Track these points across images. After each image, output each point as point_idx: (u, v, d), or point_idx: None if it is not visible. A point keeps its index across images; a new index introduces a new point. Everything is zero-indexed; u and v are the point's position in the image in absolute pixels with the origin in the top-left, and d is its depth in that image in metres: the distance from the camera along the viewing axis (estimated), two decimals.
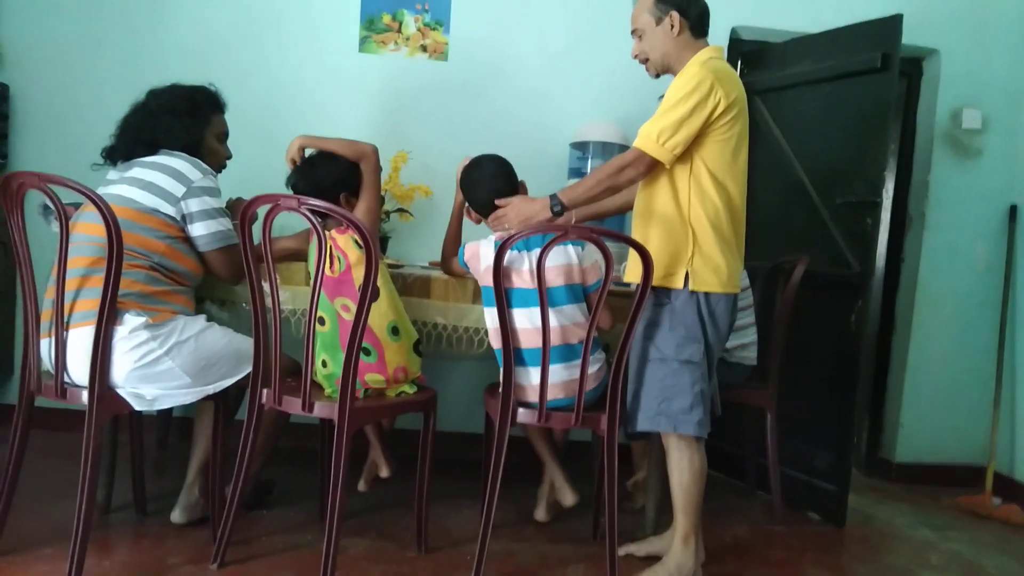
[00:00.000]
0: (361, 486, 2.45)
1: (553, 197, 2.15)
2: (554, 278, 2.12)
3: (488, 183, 2.30)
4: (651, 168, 2.09)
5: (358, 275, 2.04)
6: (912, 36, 3.09)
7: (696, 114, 2.03)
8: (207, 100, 2.32)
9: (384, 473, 2.37)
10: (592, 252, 2.16)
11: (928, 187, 3.48)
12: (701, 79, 2.03)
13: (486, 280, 2.12)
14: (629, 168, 2.08)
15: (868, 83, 2.86)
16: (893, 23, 2.79)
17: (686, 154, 2.08)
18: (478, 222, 2.39)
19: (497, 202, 2.26)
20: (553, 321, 2.07)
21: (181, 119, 2.21)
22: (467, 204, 2.39)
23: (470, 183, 2.34)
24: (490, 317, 2.19)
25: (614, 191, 2.16)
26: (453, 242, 2.48)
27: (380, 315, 2.10)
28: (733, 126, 2.10)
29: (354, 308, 1.97)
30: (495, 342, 2.19)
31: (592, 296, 2.14)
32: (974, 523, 3.05)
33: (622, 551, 2.32)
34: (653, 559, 2.27)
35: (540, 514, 2.60)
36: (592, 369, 2.11)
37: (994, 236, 3.49)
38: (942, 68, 3.45)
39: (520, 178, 2.35)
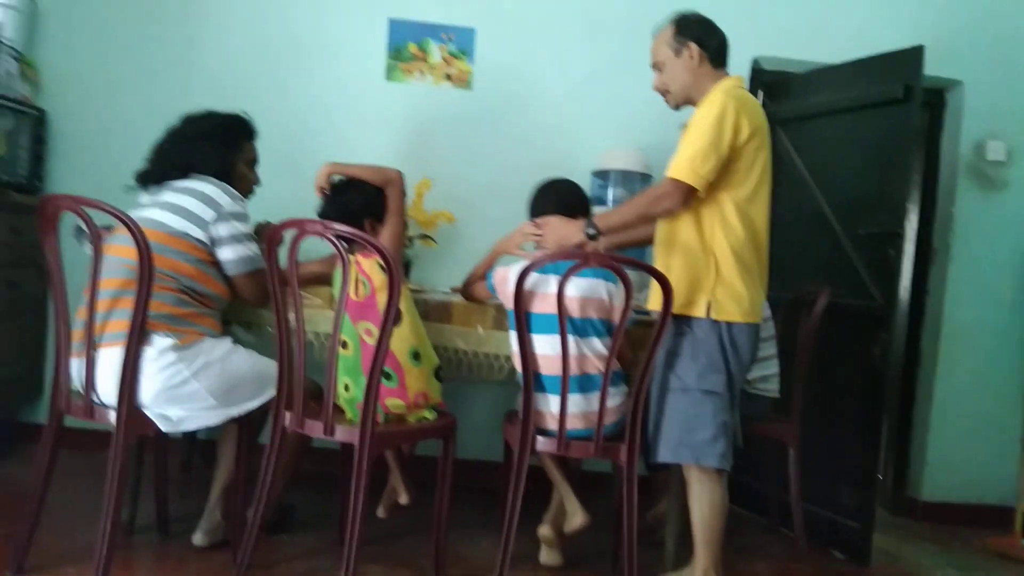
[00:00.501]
0: (380, 512, 2.45)
1: (588, 221, 2.17)
2: (584, 310, 2.12)
3: (560, 197, 2.36)
4: (687, 197, 2.07)
5: (382, 299, 2.05)
6: (935, 67, 3.09)
7: (723, 141, 2.04)
8: (240, 127, 2.37)
9: (403, 500, 2.37)
10: (619, 291, 2.16)
11: (952, 219, 3.46)
12: (725, 106, 2.05)
13: (511, 303, 2.14)
14: (665, 198, 2.08)
15: (890, 114, 2.87)
16: (915, 54, 2.80)
17: (711, 183, 2.08)
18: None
19: (536, 221, 2.28)
20: (573, 350, 2.07)
21: (215, 145, 2.26)
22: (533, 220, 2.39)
23: (542, 195, 2.39)
24: (513, 341, 2.19)
25: (648, 220, 2.18)
26: (483, 269, 2.48)
27: (402, 340, 2.11)
28: (757, 155, 2.12)
29: (377, 333, 1.99)
30: (518, 366, 2.19)
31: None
32: (1003, 566, 2.98)
33: None
34: None
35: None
36: (614, 403, 2.11)
37: (1020, 269, 3.45)
38: (966, 99, 3.45)
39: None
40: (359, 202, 2.25)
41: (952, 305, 3.45)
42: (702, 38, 2.19)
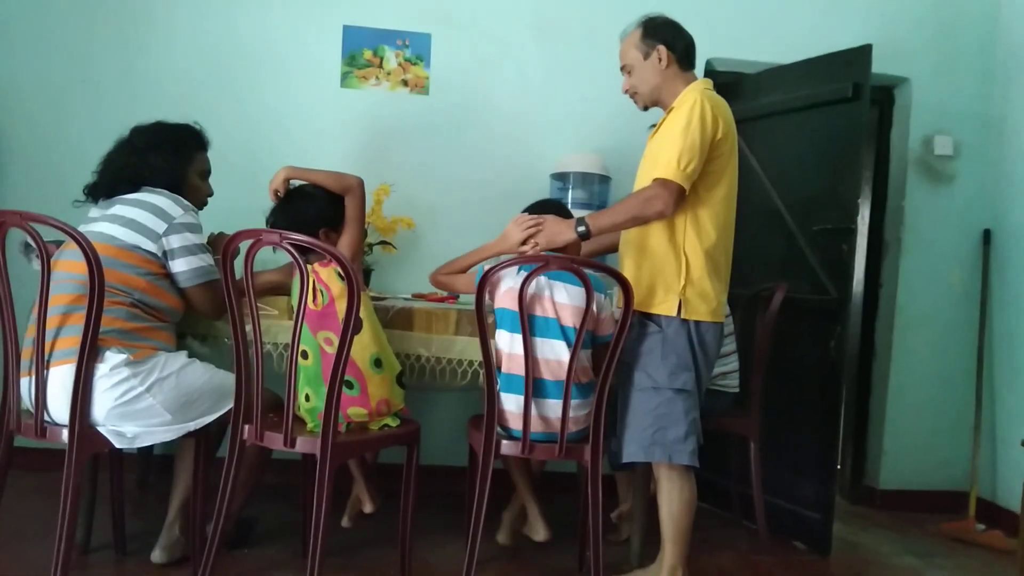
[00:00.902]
0: (345, 522, 2.43)
1: (580, 220, 2.16)
2: (578, 319, 2.09)
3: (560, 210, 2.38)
4: (679, 198, 2.08)
5: (341, 308, 2.03)
6: (883, 65, 3.17)
7: (704, 141, 2.07)
8: (191, 137, 2.34)
9: (368, 508, 2.35)
10: (609, 304, 2.20)
11: (903, 213, 3.54)
12: (703, 107, 2.08)
13: (503, 302, 2.14)
14: (657, 200, 2.07)
15: (840, 112, 2.93)
16: (863, 53, 2.86)
17: None
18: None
19: (538, 218, 2.25)
20: (567, 357, 2.07)
21: (166, 156, 2.22)
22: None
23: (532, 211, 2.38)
24: (504, 340, 2.16)
25: (640, 222, 2.14)
26: (465, 266, 2.45)
27: (362, 347, 2.10)
28: (730, 156, 2.16)
29: (337, 341, 1.97)
30: (504, 366, 2.17)
31: (599, 345, 2.16)
32: (959, 549, 3.06)
33: None
34: None
35: (502, 537, 2.54)
36: (583, 412, 2.12)
37: (969, 260, 3.55)
38: (913, 96, 3.54)
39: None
40: (312, 211, 2.24)
41: (905, 297, 3.54)
42: (669, 40, 2.22)
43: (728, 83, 3.40)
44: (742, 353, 2.86)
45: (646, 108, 2.34)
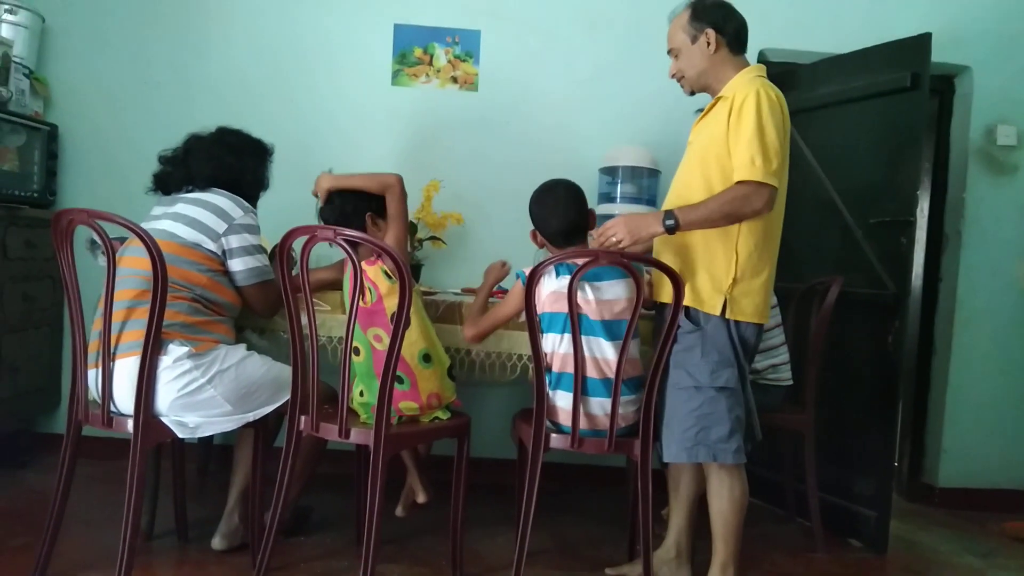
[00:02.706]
0: (399, 511, 2.47)
1: (669, 213, 2.02)
2: (624, 311, 2.10)
3: (564, 209, 2.22)
4: (773, 199, 2.01)
5: (389, 305, 2.08)
6: (943, 54, 3.08)
7: (780, 132, 2.00)
8: (270, 152, 2.46)
9: (421, 499, 2.38)
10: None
11: (964, 205, 3.44)
12: (769, 98, 2.01)
13: (546, 307, 2.13)
14: (755, 197, 1.97)
15: (899, 102, 2.85)
16: (922, 41, 2.78)
17: None
18: (542, 246, 2.31)
19: (609, 222, 2.13)
20: (611, 354, 2.07)
21: (259, 162, 2.38)
22: (536, 232, 2.30)
23: (544, 208, 2.25)
24: (549, 343, 2.13)
25: (733, 220, 2.02)
26: (481, 304, 2.40)
27: (411, 343, 2.12)
28: (788, 151, 2.09)
29: (386, 338, 2.01)
30: (556, 367, 2.14)
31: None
32: (1021, 549, 2.96)
33: (612, 572, 2.36)
34: None
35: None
36: (632, 409, 2.11)
37: None
38: (974, 85, 3.42)
39: None
40: (354, 201, 2.28)
41: (965, 291, 3.43)
42: (719, 23, 2.14)
43: (783, 73, 3.35)
44: (797, 348, 2.81)
45: (692, 93, 2.26)
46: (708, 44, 2.14)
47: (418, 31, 3.37)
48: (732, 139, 2.02)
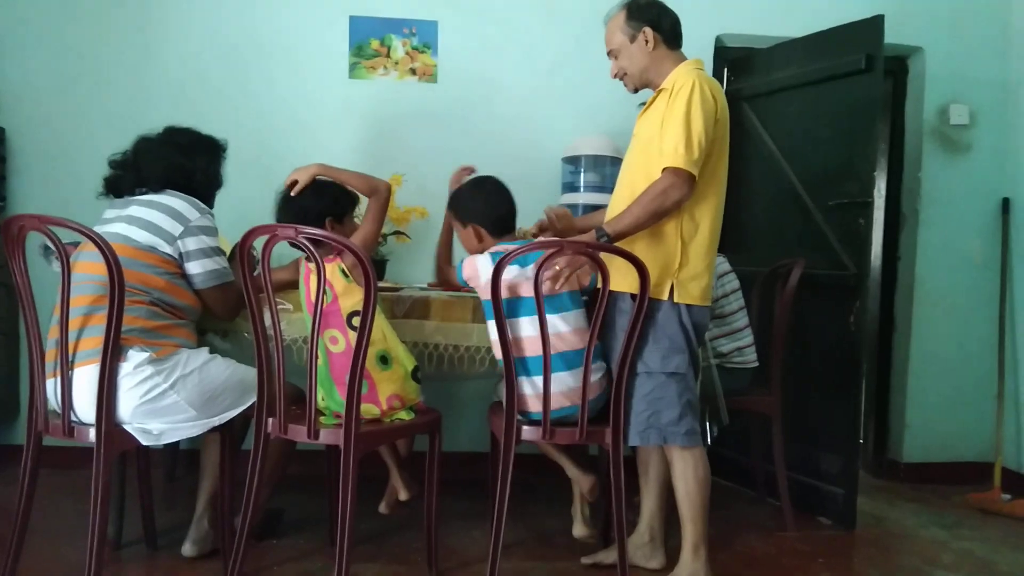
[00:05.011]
0: (383, 508, 2.42)
1: (599, 230, 2.08)
2: (560, 287, 2.11)
3: (501, 196, 2.31)
4: (692, 185, 2.05)
5: (345, 305, 2.05)
6: (896, 35, 3.13)
7: (706, 121, 2.04)
8: (222, 148, 2.40)
9: (403, 496, 2.35)
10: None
11: (920, 184, 3.51)
12: (702, 90, 2.05)
13: (487, 294, 2.13)
14: (674, 190, 2.02)
15: (854, 84, 2.89)
16: (875, 24, 2.82)
17: None
18: (480, 240, 2.31)
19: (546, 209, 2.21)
20: (560, 326, 2.09)
21: (211, 160, 2.32)
22: (474, 226, 2.30)
23: (480, 200, 2.30)
24: (492, 330, 2.16)
25: (661, 216, 2.07)
26: (446, 248, 2.49)
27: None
28: (724, 138, 2.14)
29: (342, 339, 2.01)
30: (498, 353, 2.17)
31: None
32: (985, 520, 3.05)
33: (587, 560, 2.39)
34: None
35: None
36: (594, 377, 2.12)
37: (988, 230, 3.51)
38: (927, 65, 3.49)
39: (515, 194, 2.36)
40: (316, 206, 2.23)
41: (924, 269, 3.51)
42: (655, 20, 2.19)
43: (739, 59, 3.38)
44: (761, 330, 2.85)
45: (636, 90, 2.31)
46: (646, 42, 2.19)
47: (374, 23, 3.33)
48: (664, 125, 2.07)
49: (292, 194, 2.25)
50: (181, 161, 2.23)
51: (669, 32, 2.21)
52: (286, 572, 2.29)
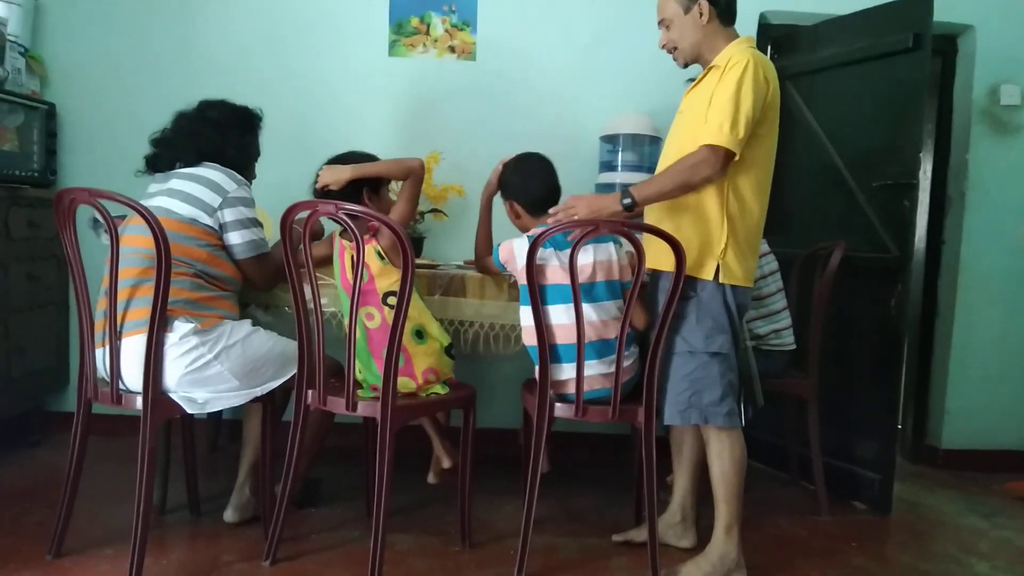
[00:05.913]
0: (431, 478, 2.46)
1: (625, 191, 2.09)
2: (594, 274, 2.13)
3: (544, 175, 2.34)
4: (727, 163, 2.02)
5: (381, 285, 2.10)
6: (945, 13, 3.04)
7: (756, 102, 2.00)
8: (258, 120, 2.42)
9: (447, 464, 2.39)
10: (620, 252, 2.18)
11: (967, 167, 3.42)
12: (754, 68, 2.01)
13: (524, 278, 2.13)
14: (704, 166, 2.00)
15: (901, 63, 2.82)
16: (924, 1, 2.74)
17: None
18: (525, 231, 2.33)
19: (569, 199, 2.20)
20: (592, 316, 2.10)
21: (243, 134, 2.34)
22: (513, 203, 2.37)
23: (522, 176, 2.35)
24: (525, 315, 2.19)
25: (688, 190, 2.06)
26: (485, 239, 2.51)
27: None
28: (775, 119, 2.10)
29: (377, 315, 2.07)
30: (529, 340, 2.20)
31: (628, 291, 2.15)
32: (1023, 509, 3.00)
33: (618, 538, 2.40)
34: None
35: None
36: (626, 363, 2.13)
37: None
38: (977, 44, 3.38)
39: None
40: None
41: (968, 253, 3.43)
42: None
43: (783, 36, 3.32)
44: (800, 312, 2.82)
45: (686, 65, 2.26)
46: (701, 15, 2.14)
47: (414, 0, 3.33)
48: (712, 101, 2.04)
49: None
50: (212, 134, 2.26)
51: (725, 7, 2.16)
52: (324, 540, 2.34)
